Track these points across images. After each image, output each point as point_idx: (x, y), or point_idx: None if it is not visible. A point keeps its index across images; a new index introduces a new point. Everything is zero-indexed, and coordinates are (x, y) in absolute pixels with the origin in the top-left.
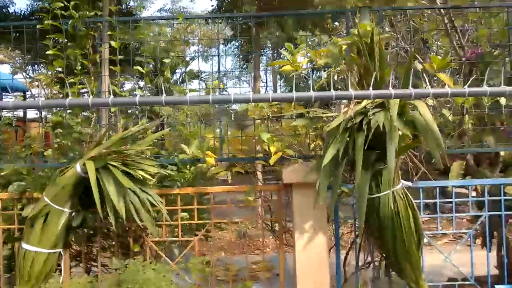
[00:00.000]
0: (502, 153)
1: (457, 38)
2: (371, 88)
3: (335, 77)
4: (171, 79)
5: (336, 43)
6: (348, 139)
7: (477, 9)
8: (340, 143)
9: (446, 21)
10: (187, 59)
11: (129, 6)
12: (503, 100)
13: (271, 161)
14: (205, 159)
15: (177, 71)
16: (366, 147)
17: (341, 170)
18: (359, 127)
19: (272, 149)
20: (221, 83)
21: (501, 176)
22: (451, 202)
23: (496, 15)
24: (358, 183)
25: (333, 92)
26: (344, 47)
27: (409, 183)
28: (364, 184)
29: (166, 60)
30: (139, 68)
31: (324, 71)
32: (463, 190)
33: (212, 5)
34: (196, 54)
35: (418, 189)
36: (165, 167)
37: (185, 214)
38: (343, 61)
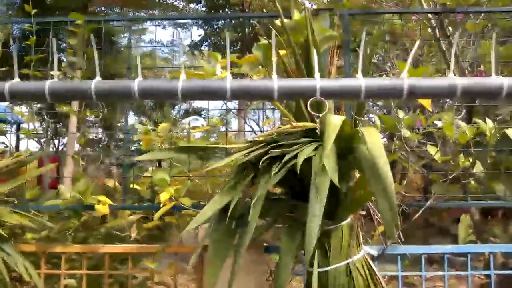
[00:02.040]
0: None
1: (454, 55)
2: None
3: None
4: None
5: (261, 45)
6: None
7: (478, 17)
8: (233, 190)
9: (438, 34)
10: None
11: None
12: (510, 132)
13: (156, 216)
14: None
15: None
16: (295, 196)
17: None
18: (268, 166)
19: (163, 196)
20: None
21: None
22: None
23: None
24: (279, 255)
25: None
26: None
27: (374, 251)
28: (286, 254)
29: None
30: None
31: None
32: None
33: (199, 35)
34: None
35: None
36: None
37: (71, 281)
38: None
